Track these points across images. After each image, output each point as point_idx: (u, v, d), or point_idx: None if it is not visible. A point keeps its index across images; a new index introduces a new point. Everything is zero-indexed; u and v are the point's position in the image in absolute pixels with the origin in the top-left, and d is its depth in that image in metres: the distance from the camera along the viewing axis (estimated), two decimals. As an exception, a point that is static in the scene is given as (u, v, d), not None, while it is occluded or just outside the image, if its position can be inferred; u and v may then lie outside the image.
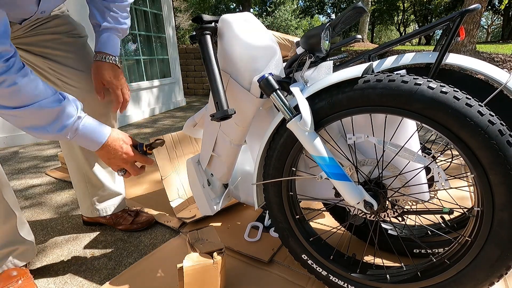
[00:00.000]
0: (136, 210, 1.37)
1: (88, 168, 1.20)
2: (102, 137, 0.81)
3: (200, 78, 6.57)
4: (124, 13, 1.03)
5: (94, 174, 1.21)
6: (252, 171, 1.16)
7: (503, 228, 0.59)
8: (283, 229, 0.90)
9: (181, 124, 3.73)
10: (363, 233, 1.07)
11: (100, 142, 0.81)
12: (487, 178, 0.59)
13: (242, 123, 0.88)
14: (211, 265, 0.82)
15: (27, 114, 0.70)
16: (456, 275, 0.68)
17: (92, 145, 0.81)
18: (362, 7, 0.72)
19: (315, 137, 0.71)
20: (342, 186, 0.72)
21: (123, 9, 1.02)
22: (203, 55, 0.72)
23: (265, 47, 0.77)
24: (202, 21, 0.77)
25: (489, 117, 0.57)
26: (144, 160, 0.89)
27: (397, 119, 0.76)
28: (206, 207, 1.06)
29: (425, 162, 0.74)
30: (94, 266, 1.10)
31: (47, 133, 0.74)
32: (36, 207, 1.59)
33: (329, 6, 22.79)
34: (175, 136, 1.60)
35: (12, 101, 0.68)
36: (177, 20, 13.42)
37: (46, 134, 0.74)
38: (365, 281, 0.81)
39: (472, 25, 5.73)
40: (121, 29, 1.03)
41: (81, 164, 1.19)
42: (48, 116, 0.72)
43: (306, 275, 0.97)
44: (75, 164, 1.20)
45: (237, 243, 1.14)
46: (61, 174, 2.03)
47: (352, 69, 0.67)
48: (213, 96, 0.68)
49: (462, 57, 0.92)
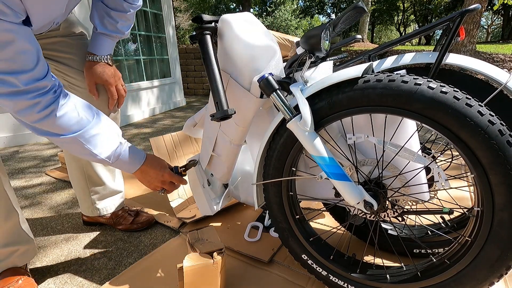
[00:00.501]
0: (136, 210, 1.37)
1: (89, 166, 1.20)
2: (139, 161, 0.89)
3: (200, 78, 6.57)
4: (125, 22, 1.03)
5: (95, 172, 1.21)
6: (252, 171, 1.16)
7: (503, 228, 0.59)
8: (283, 229, 0.90)
9: (181, 124, 3.73)
10: (363, 233, 1.07)
11: (138, 165, 0.88)
12: (487, 178, 0.59)
13: (242, 123, 0.88)
14: (211, 265, 0.82)
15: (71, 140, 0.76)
16: (456, 275, 0.68)
17: (130, 168, 0.88)
18: (362, 7, 0.72)
19: (315, 137, 0.71)
20: (342, 186, 0.72)
21: (124, 18, 1.02)
22: (203, 55, 0.72)
23: (265, 47, 0.77)
24: (202, 21, 0.77)
25: (489, 117, 0.57)
26: (180, 180, 0.97)
27: (397, 119, 0.76)
28: (206, 207, 1.06)
29: (425, 162, 0.74)
30: (94, 266, 1.10)
31: (95, 158, 0.81)
32: (36, 207, 1.59)
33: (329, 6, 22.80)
34: (175, 136, 1.60)
35: (59, 128, 0.74)
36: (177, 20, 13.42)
37: (94, 158, 0.81)
38: (365, 281, 0.81)
39: (472, 25, 5.73)
40: (116, 36, 1.04)
41: (82, 162, 1.19)
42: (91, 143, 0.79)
43: (306, 275, 0.97)
44: (76, 162, 1.20)
45: (237, 243, 1.14)
46: (61, 174, 2.03)
47: (352, 69, 0.67)
48: (213, 96, 0.68)
49: (462, 57, 0.92)
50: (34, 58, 0.67)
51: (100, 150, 0.80)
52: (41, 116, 0.70)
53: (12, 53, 0.63)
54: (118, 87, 1.07)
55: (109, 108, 1.10)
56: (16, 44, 0.62)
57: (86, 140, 0.77)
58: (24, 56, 0.65)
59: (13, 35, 0.62)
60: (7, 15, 0.60)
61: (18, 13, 0.62)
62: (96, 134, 0.79)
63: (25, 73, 0.65)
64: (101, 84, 1.04)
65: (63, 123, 0.73)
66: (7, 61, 0.63)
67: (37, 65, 0.67)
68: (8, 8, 0.60)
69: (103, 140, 0.80)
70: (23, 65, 0.65)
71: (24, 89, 0.66)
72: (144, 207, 1.46)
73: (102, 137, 0.80)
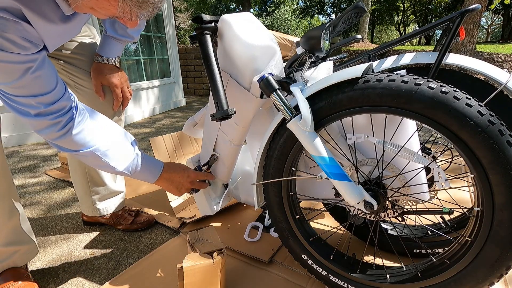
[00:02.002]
0: (136, 210, 1.37)
1: (90, 166, 1.20)
2: (158, 169, 0.91)
3: (200, 78, 6.56)
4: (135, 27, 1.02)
5: (97, 172, 1.21)
6: (252, 171, 1.16)
7: (503, 228, 0.59)
8: (283, 229, 0.90)
9: (180, 124, 3.73)
10: (363, 233, 1.07)
11: (157, 173, 0.90)
12: (487, 178, 0.59)
13: (242, 123, 0.87)
14: (211, 265, 0.82)
15: (89, 154, 0.78)
16: (456, 275, 0.68)
17: (151, 178, 0.90)
18: (362, 7, 0.72)
19: (315, 137, 0.71)
20: (342, 186, 0.72)
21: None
22: (203, 55, 0.72)
23: (265, 47, 0.77)
24: (202, 21, 0.77)
25: (489, 117, 0.57)
26: (207, 175, 0.99)
27: (397, 119, 0.76)
28: (206, 207, 1.06)
29: (425, 162, 0.74)
30: (94, 266, 1.10)
31: (114, 170, 0.83)
32: (36, 207, 1.59)
33: (329, 6, 22.79)
34: (175, 136, 1.60)
35: (77, 145, 0.76)
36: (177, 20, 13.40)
37: (113, 171, 0.83)
38: (365, 281, 0.81)
39: (472, 25, 5.73)
40: (126, 40, 1.04)
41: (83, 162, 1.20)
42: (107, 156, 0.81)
43: (306, 275, 0.97)
44: (78, 162, 1.20)
45: (237, 243, 1.14)
46: (61, 174, 2.03)
47: (352, 69, 0.67)
48: (213, 96, 0.68)
49: (462, 57, 0.92)
50: (52, 80, 0.70)
51: (116, 163, 0.82)
52: (60, 134, 0.73)
53: (31, 79, 0.65)
54: (124, 89, 1.08)
55: (113, 110, 1.10)
56: (34, 70, 0.65)
57: (103, 153, 0.79)
58: (43, 80, 0.67)
59: (32, 63, 0.65)
60: (28, 49, 0.63)
61: (37, 44, 0.65)
62: (112, 148, 0.81)
63: (45, 95, 0.68)
64: (107, 86, 1.05)
65: (80, 139, 0.76)
66: (26, 87, 0.66)
67: (56, 86, 0.70)
68: (29, 42, 0.62)
69: (119, 152, 0.82)
70: (42, 88, 0.68)
71: (45, 111, 0.69)
72: (144, 207, 1.46)
73: (118, 150, 0.82)
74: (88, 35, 1.07)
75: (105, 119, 0.84)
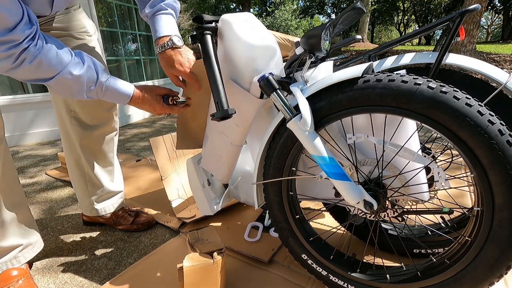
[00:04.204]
0: (136, 210, 1.37)
1: (88, 167, 1.20)
2: (129, 88, 0.88)
3: (200, 78, 6.54)
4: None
5: (94, 173, 1.21)
6: (252, 171, 1.16)
7: (503, 228, 0.59)
8: (283, 229, 0.90)
9: (181, 124, 3.73)
10: (363, 233, 1.07)
11: (130, 92, 0.88)
12: (487, 178, 0.59)
13: (243, 124, 0.88)
14: (211, 265, 0.82)
15: (57, 83, 0.77)
16: (456, 275, 0.68)
17: (124, 97, 0.88)
18: (361, 8, 0.72)
19: (315, 137, 0.71)
20: (342, 186, 0.72)
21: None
22: (203, 55, 0.72)
23: (265, 47, 0.77)
24: (203, 21, 0.77)
25: (489, 117, 0.57)
26: (170, 109, 0.94)
27: (397, 119, 0.76)
28: (206, 207, 1.06)
29: (425, 162, 0.74)
30: (94, 266, 1.10)
31: (87, 93, 0.82)
32: (36, 207, 1.59)
33: (329, 6, 22.78)
34: (175, 136, 1.59)
35: (42, 73, 0.74)
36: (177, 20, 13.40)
37: (84, 94, 0.82)
38: (365, 281, 0.81)
39: (472, 25, 5.73)
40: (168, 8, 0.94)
41: (81, 163, 1.20)
42: (75, 84, 0.79)
43: (306, 275, 0.97)
44: (76, 163, 1.20)
45: (237, 243, 1.14)
46: (61, 173, 2.03)
47: (352, 69, 0.67)
48: (213, 96, 0.68)
49: (462, 57, 0.92)
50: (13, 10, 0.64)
51: (88, 84, 0.80)
52: (15, 66, 0.70)
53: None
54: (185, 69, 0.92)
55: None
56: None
57: (73, 76, 0.77)
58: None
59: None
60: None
61: None
62: (80, 68, 0.78)
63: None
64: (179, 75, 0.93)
65: (44, 67, 0.73)
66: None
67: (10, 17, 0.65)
68: None
69: (89, 72, 0.80)
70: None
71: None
72: (144, 207, 1.46)
73: (88, 71, 0.80)
74: (87, 31, 1.05)
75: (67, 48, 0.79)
